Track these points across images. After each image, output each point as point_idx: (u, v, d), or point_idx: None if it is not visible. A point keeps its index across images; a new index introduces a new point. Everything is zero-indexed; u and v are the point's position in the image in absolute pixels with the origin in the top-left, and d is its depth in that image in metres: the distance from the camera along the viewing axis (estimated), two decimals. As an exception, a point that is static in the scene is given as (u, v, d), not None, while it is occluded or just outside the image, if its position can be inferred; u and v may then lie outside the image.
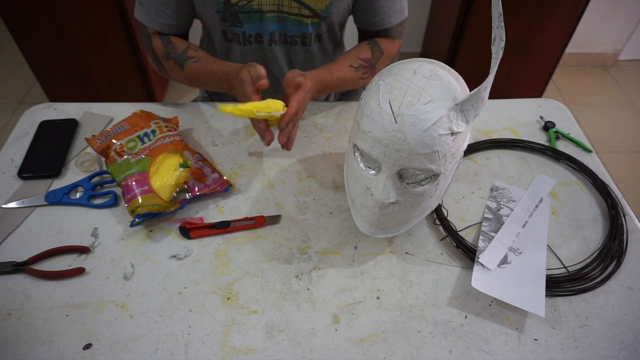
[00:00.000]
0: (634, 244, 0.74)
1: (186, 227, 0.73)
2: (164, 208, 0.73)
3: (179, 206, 0.75)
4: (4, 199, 0.78)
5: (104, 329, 0.62)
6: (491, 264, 0.68)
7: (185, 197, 0.77)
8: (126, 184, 0.74)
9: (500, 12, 0.54)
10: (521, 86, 2.10)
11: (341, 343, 0.62)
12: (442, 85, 0.59)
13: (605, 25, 2.44)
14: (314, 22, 0.91)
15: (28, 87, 2.36)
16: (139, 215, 0.71)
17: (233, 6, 0.87)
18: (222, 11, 0.87)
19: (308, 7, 0.88)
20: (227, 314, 0.64)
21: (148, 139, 0.80)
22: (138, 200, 0.72)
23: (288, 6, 0.87)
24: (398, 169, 0.61)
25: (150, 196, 0.73)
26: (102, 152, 0.79)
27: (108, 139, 0.80)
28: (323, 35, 0.96)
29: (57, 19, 1.79)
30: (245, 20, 0.89)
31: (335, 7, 0.89)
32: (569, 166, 0.86)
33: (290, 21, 0.90)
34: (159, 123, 0.83)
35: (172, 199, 0.76)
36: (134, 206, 0.72)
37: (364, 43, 0.97)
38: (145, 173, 0.75)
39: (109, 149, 0.79)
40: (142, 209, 0.71)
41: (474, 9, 1.81)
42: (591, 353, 0.61)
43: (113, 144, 0.79)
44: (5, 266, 0.68)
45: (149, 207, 0.72)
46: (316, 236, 0.74)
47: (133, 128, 0.81)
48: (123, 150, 0.78)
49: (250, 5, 0.87)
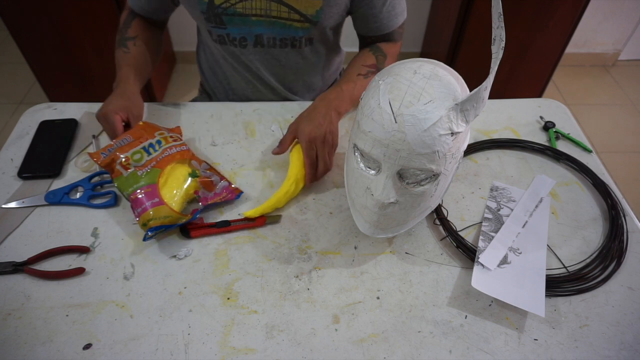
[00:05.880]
0: (634, 244, 0.74)
1: (186, 226, 0.73)
2: (176, 219, 0.71)
3: (191, 217, 0.73)
4: (4, 199, 0.78)
5: (104, 329, 0.62)
6: (491, 264, 0.68)
7: (197, 207, 0.75)
8: (135, 197, 0.72)
9: (500, 12, 0.54)
10: (521, 86, 2.10)
11: (341, 343, 0.62)
12: (442, 85, 0.59)
13: (605, 25, 2.44)
14: (305, 26, 0.89)
15: (28, 87, 2.36)
16: (152, 229, 0.69)
17: (217, 7, 0.86)
18: (205, 12, 0.87)
19: (298, 12, 0.86)
20: (227, 314, 0.64)
21: (154, 150, 0.77)
22: (149, 213, 0.70)
23: (277, 10, 0.86)
24: (398, 169, 0.61)
25: (162, 208, 0.71)
26: (107, 166, 0.76)
27: (112, 152, 0.76)
28: (315, 39, 0.95)
29: (57, 19, 1.79)
30: (228, 22, 0.89)
31: (327, 12, 0.87)
32: (569, 166, 0.86)
33: (280, 25, 0.89)
34: (164, 134, 0.81)
35: (183, 209, 0.74)
36: (146, 219, 0.69)
37: (365, 50, 0.96)
38: (154, 185, 0.73)
39: (113, 162, 0.75)
40: (154, 222, 0.69)
41: (474, 9, 1.81)
42: (591, 353, 0.61)
43: (118, 157, 0.75)
44: (5, 266, 0.68)
45: (161, 220, 0.70)
46: (316, 236, 0.74)
47: (137, 140, 0.78)
48: (129, 163, 0.75)
49: (233, 8, 0.86)
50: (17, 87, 2.37)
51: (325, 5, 0.86)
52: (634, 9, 2.36)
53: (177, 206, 0.73)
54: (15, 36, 1.84)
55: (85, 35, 1.86)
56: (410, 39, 2.51)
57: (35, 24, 1.80)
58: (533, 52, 1.95)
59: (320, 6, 0.86)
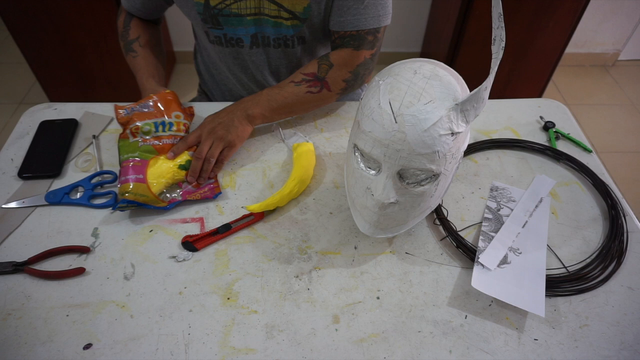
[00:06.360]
0: (634, 244, 0.74)
1: (189, 241, 0.72)
2: (150, 201, 0.74)
3: (166, 205, 0.75)
4: (4, 199, 0.78)
5: (104, 329, 0.62)
6: (491, 264, 0.68)
7: (175, 198, 0.77)
8: (126, 165, 0.75)
9: (500, 12, 0.54)
10: (521, 86, 2.10)
11: (341, 343, 0.62)
12: (442, 85, 0.59)
13: (605, 25, 2.44)
14: (294, 24, 0.88)
15: (28, 87, 2.36)
16: (124, 201, 0.72)
17: (212, 8, 0.86)
18: (202, 13, 0.87)
19: (286, 10, 0.86)
20: (227, 314, 0.64)
21: (163, 129, 0.81)
22: (129, 185, 0.73)
23: (268, 9, 0.86)
24: (398, 169, 0.61)
25: (142, 186, 0.74)
26: (123, 124, 0.81)
27: (132, 113, 0.81)
28: (307, 38, 0.93)
29: (57, 19, 1.79)
30: (224, 23, 0.89)
31: (314, 9, 0.86)
32: (569, 166, 0.86)
33: (270, 24, 0.88)
34: (180, 117, 0.83)
35: (160, 194, 0.76)
36: (124, 190, 0.73)
37: (314, 60, 0.91)
38: (145, 161, 0.76)
39: (128, 124, 0.80)
40: (129, 195, 0.72)
41: (474, 9, 1.81)
42: (591, 353, 0.61)
43: (133, 121, 0.79)
44: (5, 266, 0.68)
45: (136, 196, 0.72)
46: (316, 236, 0.74)
47: (156, 112, 0.82)
48: (137, 132, 0.79)
49: (229, 9, 0.86)
50: (17, 87, 2.37)
51: (313, 1, 0.85)
52: (634, 9, 2.36)
53: (156, 189, 0.75)
54: (15, 36, 1.84)
55: (85, 35, 1.86)
56: (410, 39, 2.51)
57: (35, 24, 1.81)
58: (533, 52, 1.95)
59: (308, 3, 0.85)
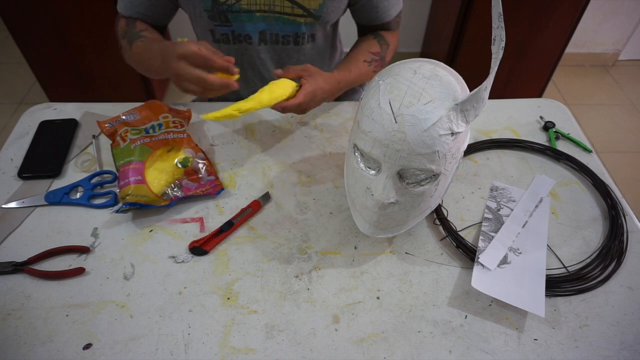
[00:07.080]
0: (634, 244, 0.74)
1: (196, 246, 0.71)
2: (152, 201, 0.74)
3: (168, 203, 0.75)
4: (4, 199, 0.78)
5: (104, 329, 0.62)
6: (491, 264, 0.68)
7: (177, 195, 0.77)
8: (124, 170, 0.76)
9: (500, 12, 0.54)
10: (521, 86, 2.10)
11: (341, 343, 0.62)
12: (442, 85, 0.59)
13: (605, 25, 2.44)
14: (308, 21, 0.90)
15: (28, 87, 2.36)
16: (127, 203, 0.72)
17: (222, 5, 0.86)
18: (210, 10, 0.87)
19: (301, 7, 0.87)
20: (227, 314, 0.64)
21: (153, 131, 0.82)
22: (130, 187, 0.73)
23: (280, 6, 0.87)
24: (398, 169, 0.61)
25: (142, 187, 0.74)
26: (110, 135, 0.83)
27: (118, 124, 0.84)
28: (317, 35, 0.96)
29: (57, 19, 1.79)
30: (233, 19, 0.89)
31: (329, 6, 0.89)
32: (569, 166, 0.86)
33: (283, 21, 0.90)
34: (168, 117, 0.85)
35: (163, 193, 0.76)
36: (125, 193, 0.73)
37: (370, 37, 0.98)
38: (142, 163, 0.77)
39: (116, 133, 0.82)
40: (131, 198, 0.72)
41: (474, 9, 1.81)
42: (591, 353, 0.61)
43: (121, 127, 0.83)
44: (5, 266, 0.68)
45: (138, 197, 0.72)
46: (316, 236, 0.74)
47: (143, 119, 0.85)
48: (127, 136, 0.81)
49: (239, 5, 0.86)
50: (17, 87, 2.37)
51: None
52: (634, 9, 2.36)
53: (157, 189, 0.76)
54: (15, 36, 1.84)
55: (85, 35, 1.86)
56: (410, 39, 2.51)
57: (35, 24, 1.80)
58: (533, 52, 1.95)
59: (323, 0, 0.87)
